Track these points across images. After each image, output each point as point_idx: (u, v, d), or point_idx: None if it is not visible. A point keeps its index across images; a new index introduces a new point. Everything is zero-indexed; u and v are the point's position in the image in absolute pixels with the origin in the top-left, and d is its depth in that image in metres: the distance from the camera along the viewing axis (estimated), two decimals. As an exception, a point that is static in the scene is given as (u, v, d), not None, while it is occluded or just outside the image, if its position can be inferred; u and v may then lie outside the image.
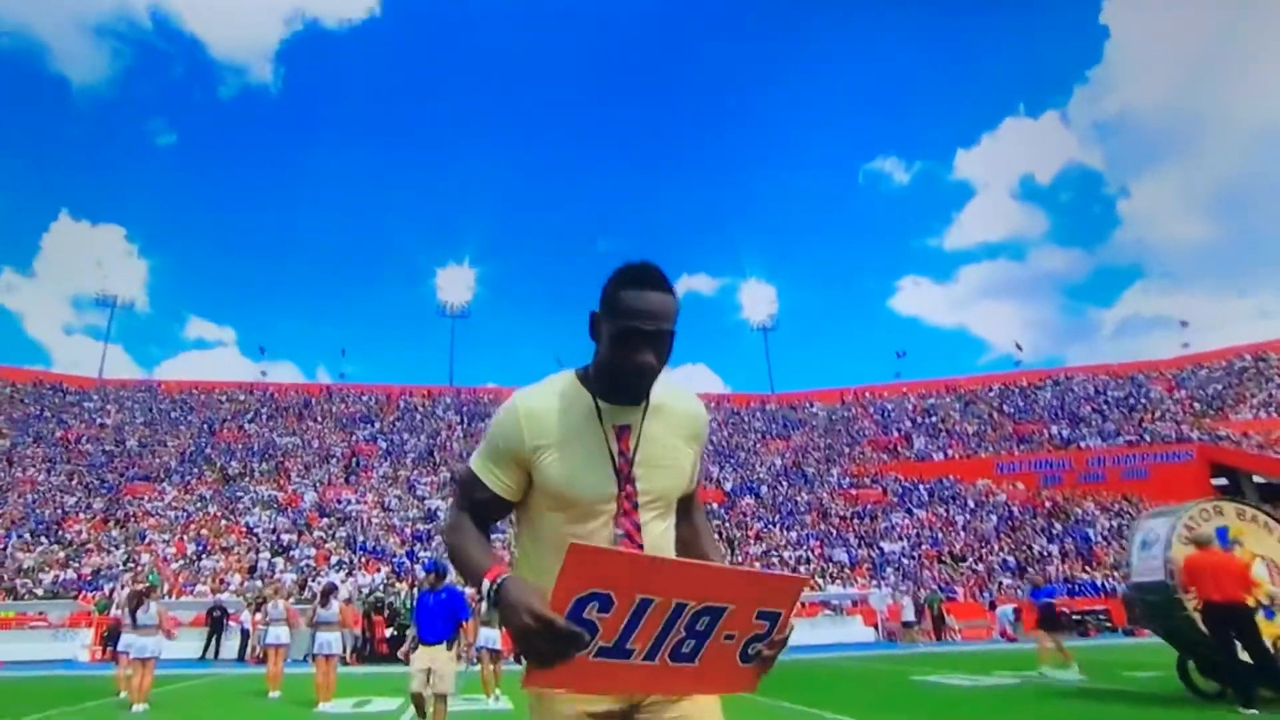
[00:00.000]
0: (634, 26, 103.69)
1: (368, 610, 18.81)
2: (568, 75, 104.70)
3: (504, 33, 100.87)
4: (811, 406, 45.94)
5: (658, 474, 1.47)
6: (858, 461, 37.74)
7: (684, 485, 1.53)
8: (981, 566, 25.74)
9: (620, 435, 1.45)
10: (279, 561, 24.74)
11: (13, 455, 32.86)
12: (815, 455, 38.82)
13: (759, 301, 52.95)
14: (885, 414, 43.33)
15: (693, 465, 1.56)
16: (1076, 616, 22.04)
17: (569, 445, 1.43)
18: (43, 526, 26.73)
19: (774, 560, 26.43)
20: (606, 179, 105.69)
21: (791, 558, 26.77)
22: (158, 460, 33.96)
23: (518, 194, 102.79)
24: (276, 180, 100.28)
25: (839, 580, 24.89)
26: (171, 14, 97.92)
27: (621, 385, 1.43)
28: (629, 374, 1.41)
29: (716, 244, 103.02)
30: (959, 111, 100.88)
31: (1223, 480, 31.70)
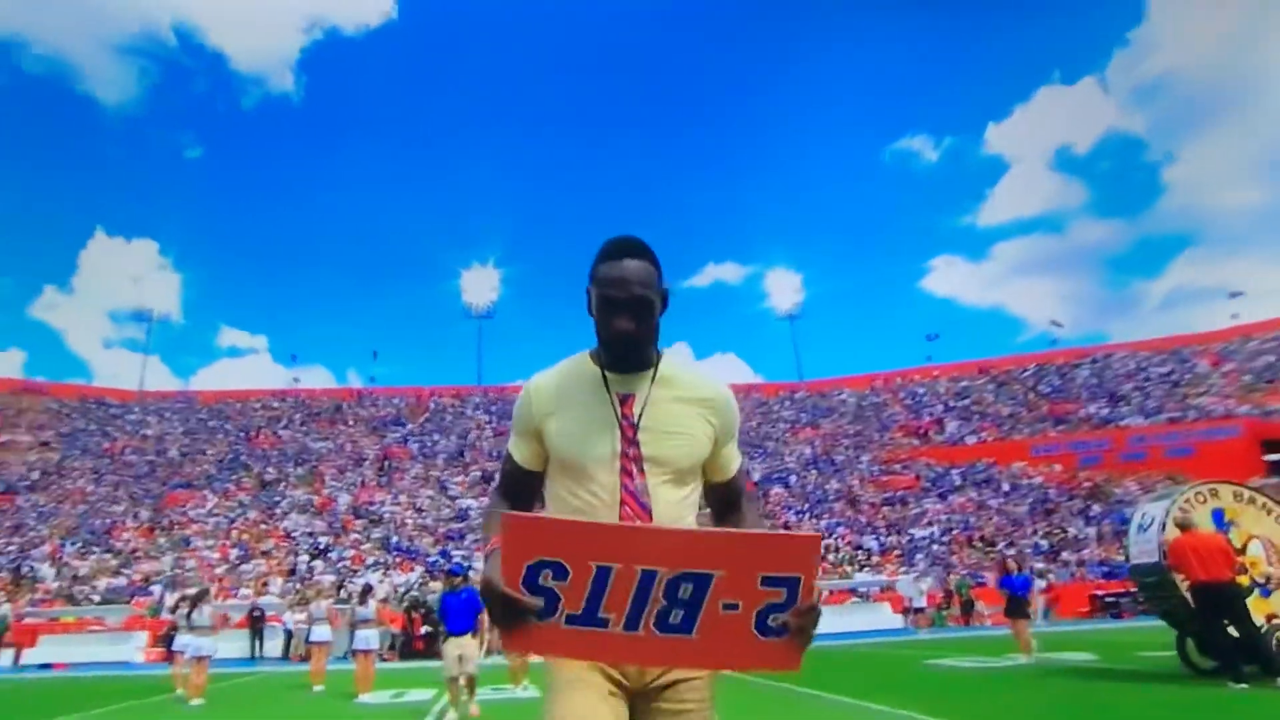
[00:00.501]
0: (651, 17, 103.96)
1: (408, 609, 19.82)
2: (586, 70, 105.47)
3: (520, 30, 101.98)
4: (841, 394, 46.13)
5: (665, 439, 1.51)
6: (888, 448, 37.96)
7: (697, 454, 1.56)
8: (1013, 550, 25.91)
9: (624, 401, 1.53)
10: (317, 564, 25.98)
11: (63, 468, 34.80)
12: (845, 443, 39.10)
13: (785, 290, 53.23)
14: (916, 399, 43.37)
15: (711, 439, 1.57)
16: (1111, 599, 22.22)
17: (573, 410, 1.54)
18: (94, 536, 28.36)
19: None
20: (628, 173, 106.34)
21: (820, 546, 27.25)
22: (198, 469, 35.60)
23: (539, 193, 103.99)
24: (301, 187, 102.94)
25: (867, 568, 25.33)
26: (194, 29, 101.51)
27: (611, 351, 1.53)
28: (613, 339, 1.50)
29: (742, 233, 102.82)
30: (989, 84, 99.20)
31: (1276, 456, 31.05)
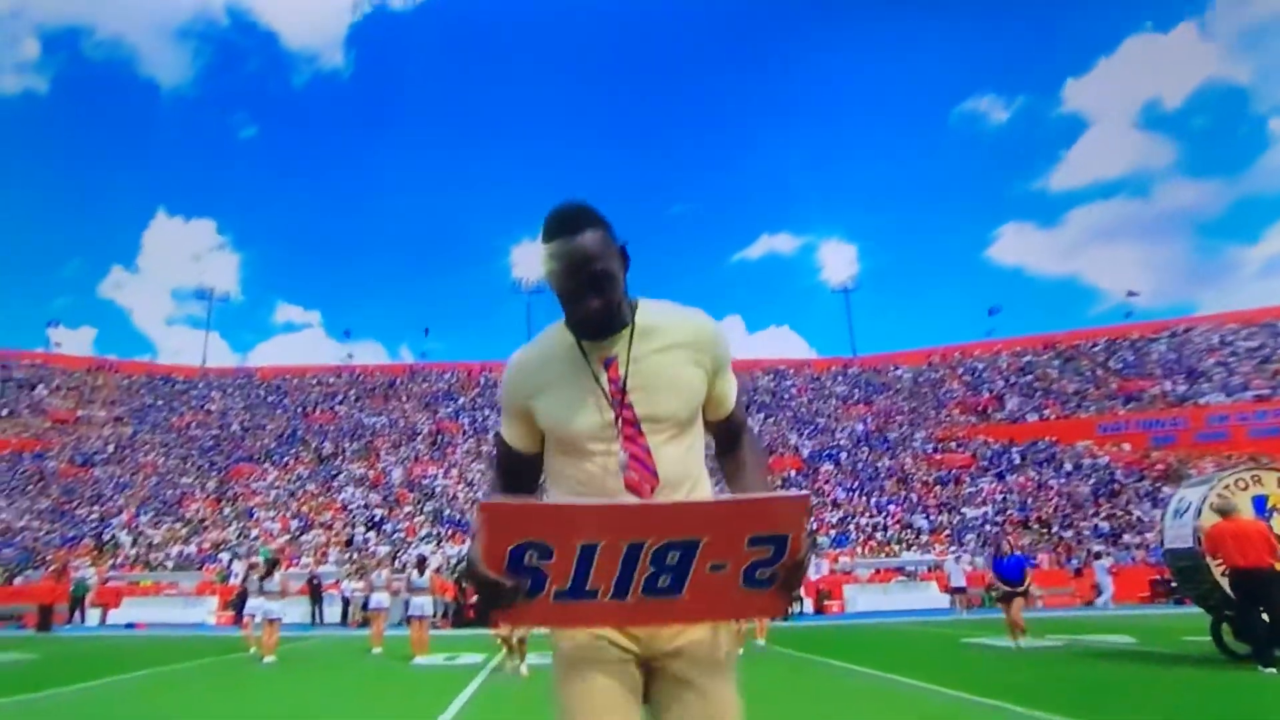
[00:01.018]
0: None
1: (459, 579, 21.03)
2: (638, 38, 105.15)
3: (567, 4, 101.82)
4: (896, 369, 45.79)
5: (657, 395, 1.48)
6: (944, 425, 37.70)
7: (694, 402, 1.52)
8: (1070, 532, 25.77)
9: (608, 365, 1.49)
10: (372, 535, 27.53)
11: (135, 442, 37.36)
12: (899, 419, 38.97)
13: (839, 262, 52.91)
14: (975, 374, 42.78)
15: (704, 380, 1.53)
16: (1175, 584, 21.95)
17: (558, 386, 1.51)
18: (165, 506, 30.56)
19: (850, 527, 27.30)
20: (680, 141, 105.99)
21: (868, 524, 27.55)
22: (258, 443, 37.74)
23: (588, 164, 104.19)
24: (352, 163, 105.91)
25: (915, 547, 25.55)
26: (246, 9, 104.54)
27: (584, 332, 1.49)
28: (583, 322, 1.47)
29: (797, 202, 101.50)
30: (1069, 37, 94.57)
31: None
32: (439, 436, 38.32)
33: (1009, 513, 27.79)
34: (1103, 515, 27.33)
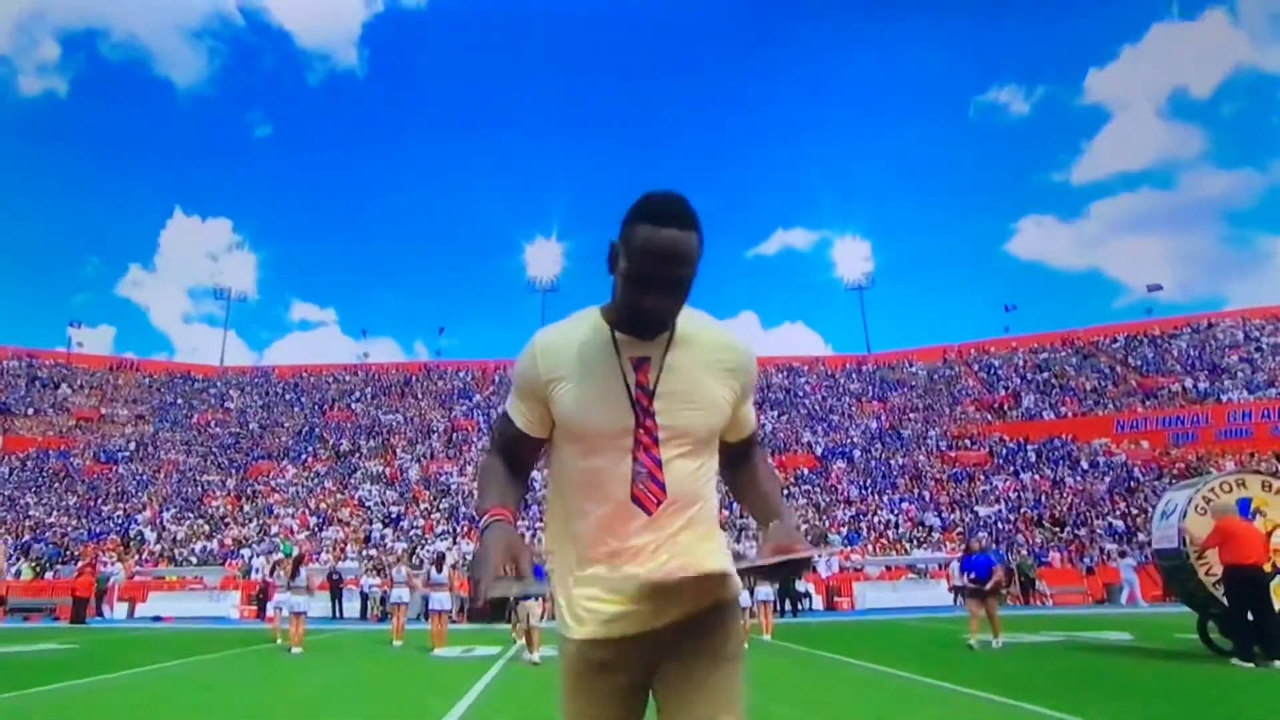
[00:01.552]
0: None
1: (468, 575, 21.78)
2: (649, 36, 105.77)
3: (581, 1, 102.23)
4: (911, 365, 46.07)
5: (683, 408, 1.45)
6: (959, 422, 38.01)
7: (716, 422, 1.50)
8: (1084, 531, 26.09)
9: (639, 367, 1.46)
10: (389, 532, 28.37)
11: (157, 439, 38.52)
12: (913, 416, 39.31)
13: (852, 259, 53.13)
14: (991, 371, 42.99)
15: (731, 403, 1.52)
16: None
17: (583, 377, 1.46)
18: (187, 503, 31.58)
19: (862, 525, 27.78)
20: (696, 139, 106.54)
21: (880, 521, 28.02)
22: (277, 441, 38.76)
23: (604, 163, 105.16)
24: (366, 161, 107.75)
25: (927, 544, 25.99)
26: (261, 9, 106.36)
27: (634, 325, 1.46)
28: (639, 315, 1.43)
29: (812, 196, 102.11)
30: (1092, 25, 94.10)
31: None
32: (454, 434, 39.17)
33: (1023, 510, 28.14)
34: (1118, 514, 27.57)
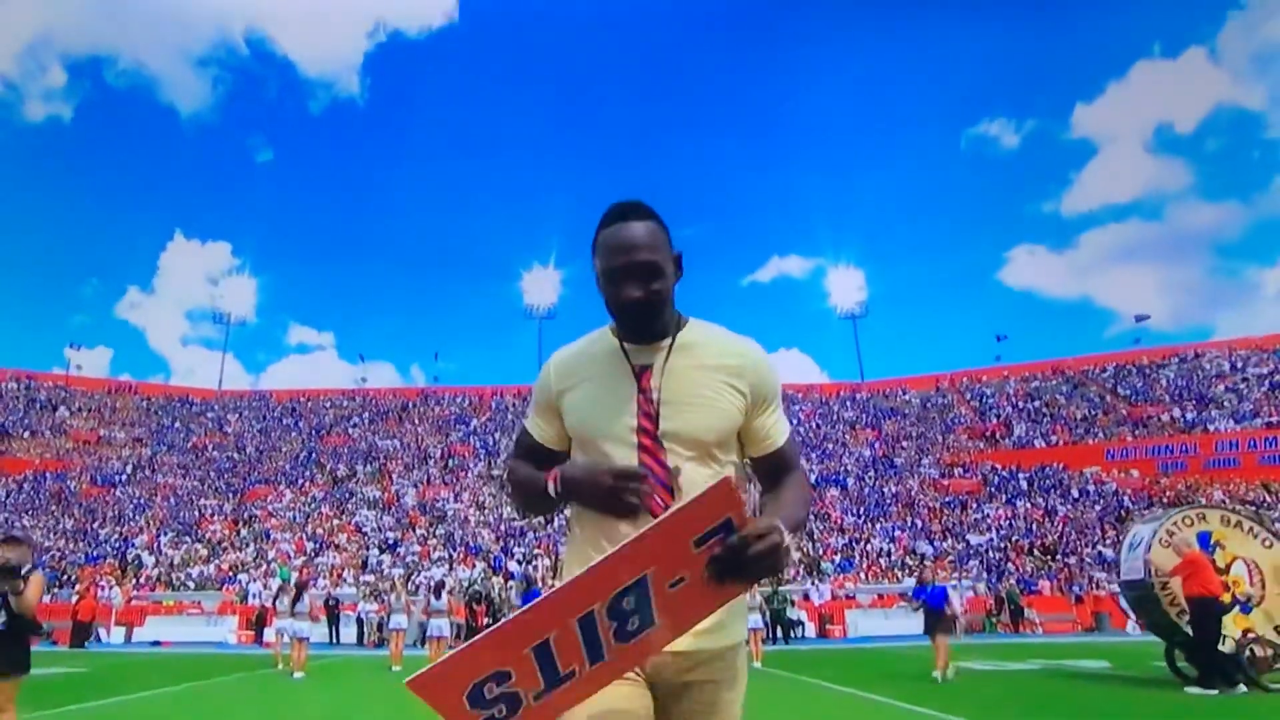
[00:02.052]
0: (711, 7, 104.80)
1: (469, 601, 22.11)
2: (644, 68, 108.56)
3: (579, 31, 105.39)
4: (904, 394, 46.68)
5: (686, 412, 1.47)
6: (952, 450, 38.51)
7: (722, 426, 1.49)
8: (1073, 559, 26.51)
9: (642, 373, 1.49)
10: (386, 558, 28.67)
11: (154, 462, 38.82)
12: (906, 445, 39.80)
13: (846, 288, 53.95)
14: (984, 400, 43.60)
15: (741, 409, 1.51)
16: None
17: (590, 384, 1.52)
18: (185, 527, 31.85)
19: (855, 553, 28.17)
20: (692, 169, 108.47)
21: (873, 549, 28.41)
22: (274, 465, 39.09)
23: (600, 192, 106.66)
24: (365, 187, 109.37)
25: (917, 573, 26.34)
26: (265, 37, 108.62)
27: (624, 321, 1.50)
28: (623, 308, 1.47)
29: (806, 224, 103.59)
30: (1078, 62, 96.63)
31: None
32: (450, 460, 39.54)
33: (1014, 539, 28.56)
34: (1108, 542, 28.00)
